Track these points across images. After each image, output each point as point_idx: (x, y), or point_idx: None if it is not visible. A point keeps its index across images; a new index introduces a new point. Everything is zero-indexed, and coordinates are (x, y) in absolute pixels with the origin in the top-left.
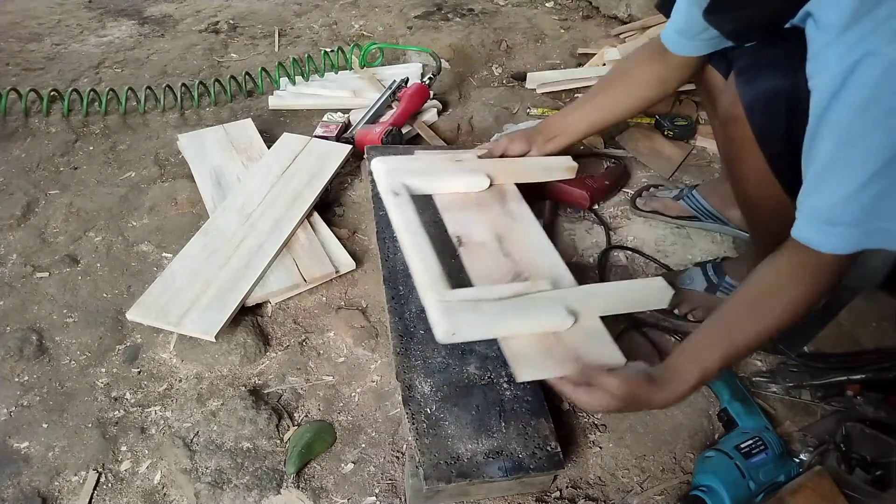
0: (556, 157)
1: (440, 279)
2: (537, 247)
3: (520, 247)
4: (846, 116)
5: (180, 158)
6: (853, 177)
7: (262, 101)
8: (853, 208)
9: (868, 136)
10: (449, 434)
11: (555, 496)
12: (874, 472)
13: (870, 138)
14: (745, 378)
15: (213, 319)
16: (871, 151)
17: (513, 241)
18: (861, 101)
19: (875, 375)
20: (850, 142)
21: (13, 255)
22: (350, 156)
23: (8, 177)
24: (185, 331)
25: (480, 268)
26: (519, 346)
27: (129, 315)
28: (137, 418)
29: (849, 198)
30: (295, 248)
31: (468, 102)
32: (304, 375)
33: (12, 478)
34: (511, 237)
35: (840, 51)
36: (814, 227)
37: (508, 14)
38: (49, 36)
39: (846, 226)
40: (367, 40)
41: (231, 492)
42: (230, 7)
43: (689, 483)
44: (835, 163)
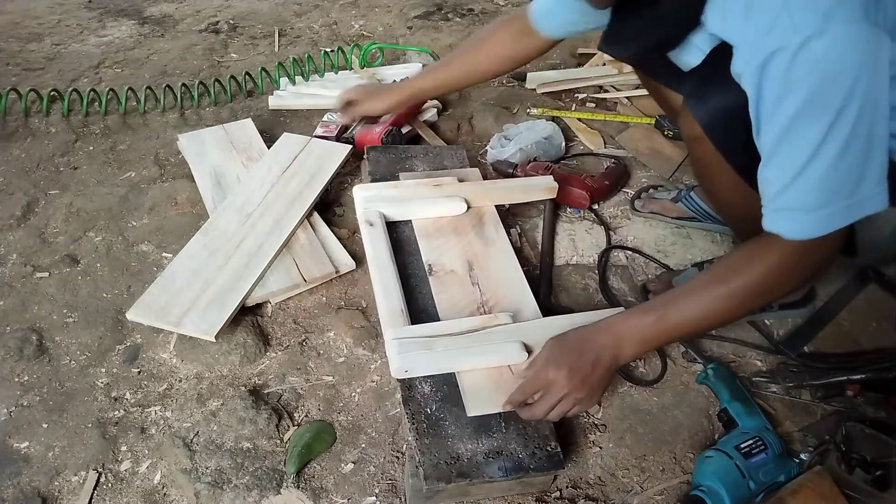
0: (537, 178)
1: (399, 315)
2: (506, 275)
3: (488, 275)
4: (770, 112)
5: (180, 158)
6: (792, 165)
7: (262, 101)
8: (804, 194)
9: (793, 125)
10: (449, 434)
11: (555, 496)
12: (874, 472)
13: (796, 128)
14: (745, 378)
15: (213, 319)
16: (800, 139)
17: (483, 268)
18: (777, 96)
19: (875, 375)
20: (781, 135)
21: (13, 255)
22: (350, 156)
23: (8, 177)
24: (185, 331)
25: (447, 298)
26: (473, 381)
27: (129, 315)
28: (137, 418)
29: (795, 185)
30: (295, 248)
31: (468, 102)
32: (304, 375)
33: (12, 478)
34: (482, 264)
35: (748, 54)
36: (773, 215)
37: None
38: (49, 36)
39: (802, 211)
40: (367, 40)
41: (231, 492)
42: (230, 7)
43: (689, 483)
44: (774, 154)
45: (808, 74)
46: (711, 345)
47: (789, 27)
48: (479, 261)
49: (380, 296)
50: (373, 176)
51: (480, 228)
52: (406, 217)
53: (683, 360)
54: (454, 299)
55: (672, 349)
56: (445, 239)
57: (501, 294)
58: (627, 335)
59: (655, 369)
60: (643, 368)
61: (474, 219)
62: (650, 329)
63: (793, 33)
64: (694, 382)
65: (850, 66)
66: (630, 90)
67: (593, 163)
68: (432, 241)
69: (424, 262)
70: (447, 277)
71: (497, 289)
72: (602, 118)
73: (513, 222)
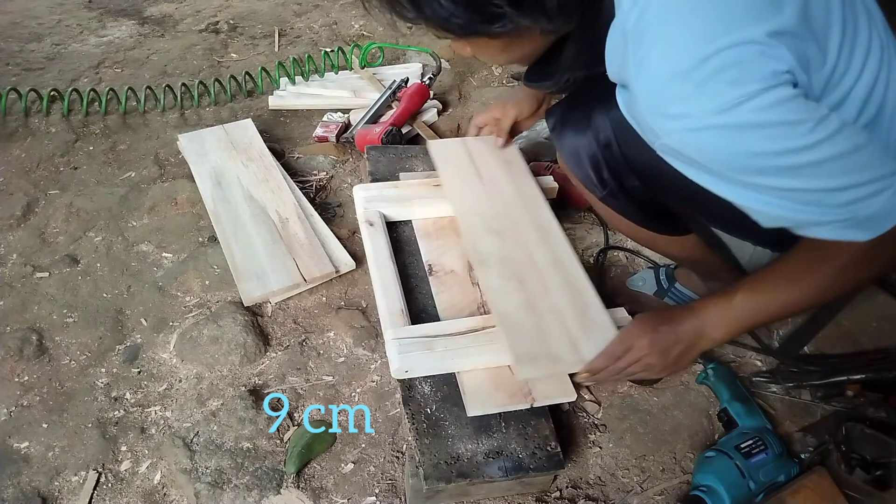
0: (538, 178)
1: (399, 315)
2: None
3: None
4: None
5: (180, 158)
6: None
7: (262, 101)
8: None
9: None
10: (449, 434)
11: (555, 496)
12: (874, 472)
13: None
14: (745, 378)
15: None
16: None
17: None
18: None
19: (875, 375)
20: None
21: (13, 255)
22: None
23: (8, 177)
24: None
25: (447, 298)
26: (472, 380)
27: (522, 374)
28: (137, 418)
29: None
30: (295, 248)
31: (468, 102)
32: (304, 375)
33: (12, 478)
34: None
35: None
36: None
37: None
38: (49, 36)
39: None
40: (367, 40)
41: (231, 492)
42: (230, 7)
43: (689, 483)
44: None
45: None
46: None
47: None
48: None
49: (380, 296)
50: (373, 176)
51: None
52: (406, 217)
53: None
54: (454, 299)
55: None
56: (445, 239)
57: None
58: (712, 320)
59: None
60: None
61: None
62: (736, 315)
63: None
64: (694, 382)
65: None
66: None
67: None
68: (432, 241)
69: (424, 262)
70: (447, 277)
71: None
72: None
73: None
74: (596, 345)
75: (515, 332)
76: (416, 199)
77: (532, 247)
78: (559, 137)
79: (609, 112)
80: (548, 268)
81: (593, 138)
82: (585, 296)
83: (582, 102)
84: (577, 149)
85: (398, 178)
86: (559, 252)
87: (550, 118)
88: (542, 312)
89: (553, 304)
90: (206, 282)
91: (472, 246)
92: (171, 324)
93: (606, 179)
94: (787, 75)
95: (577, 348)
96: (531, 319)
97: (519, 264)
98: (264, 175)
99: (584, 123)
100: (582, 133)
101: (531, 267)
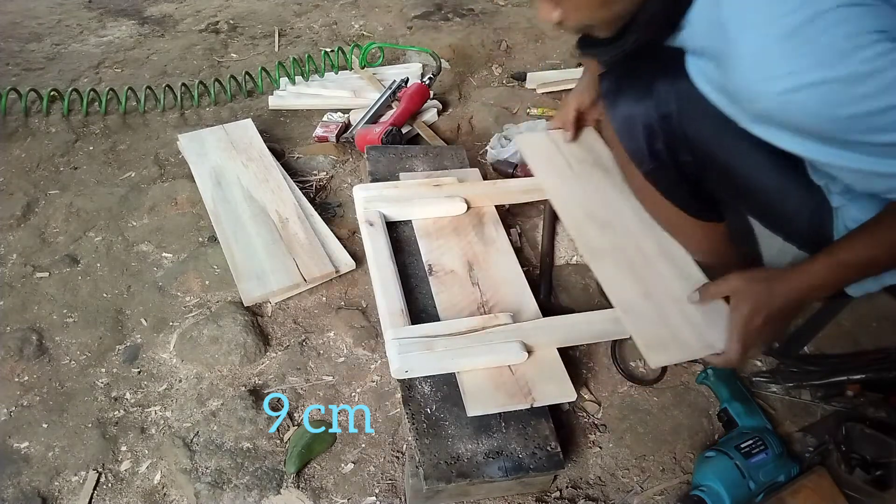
0: (535, 178)
1: (399, 315)
2: (505, 275)
3: (488, 275)
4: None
5: (180, 158)
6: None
7: (262, 101)
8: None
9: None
10: (449, 434)
11: (555, 496)
12: (874, 472)
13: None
14: (745, 378)
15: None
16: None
17: (483, 268)
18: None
19: (875, 375)
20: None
21: (13, 255)
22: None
23: (8, 177)
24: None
25: (447, 298)
26: (473, 380)
27: (653, 362)
28: (137, 418)
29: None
30: (295, 248)
31: (468, 102)
32: (304, 375)
33: (12, 478)
34: (482, 265)
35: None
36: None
37: (508, 14)
38: (49, 36)
39: None
40: (367, 40)
41: (231, 492)
42: (230, 7)
43: (689, 483)
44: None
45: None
46: None
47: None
48: (479, 261)
49: (380, 296)
50: (373, 176)
51: (480, 228)
52: (406, 217)
53: None
54: (454, 299)
55: None
56: (445, 239)
57: (501, 294)
58: (817, 280)
59: (655, 369)
60: (643, 368)
61: (474, 219)
62: (824, 273)
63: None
64: (694, 382)
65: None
66: None
67: None
68: (432, 241)
69: (424, 262)
70: (447, 277)
71: (497, 289)
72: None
73: (513, 222)
74: (718, 330)
75: (639, 321)
76: (416, 199)
77: (638, 237)
78: (613, 104)
79: (674, 82)
80: (657, 257)
81: (653, 107)
82: (697, 280)
83: (642, 71)
84: (633, 117)
85: (398, 178)
86: (664, 241)
87: (604, 83)
88: (660, 300)
89: (670, 292)
90: (206, 282)
91: (582, 239)
92: (171, 324)
93: (658, 151)
94: (893, 33)
95: (702, 334)
96: (652, 308)
97: (629, 254)
98: (264, 175)
99: (644, 92)
100: (640, 101)
101: (642, 257)
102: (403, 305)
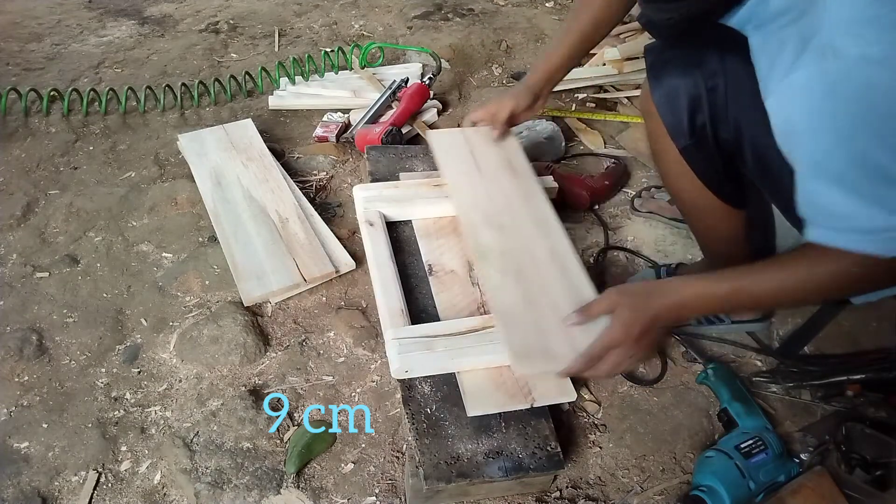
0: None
1: (399, 315)
2: None
3: None
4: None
5: (180, 158)
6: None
7: (262, 101)
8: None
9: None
10: (449, 434)
11: (555, 496)
12: (874, 472)
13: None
14: (745, 378)
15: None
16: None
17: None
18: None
19: (875, 375)
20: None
21: (13, 255)
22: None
23: (8, 177)
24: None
25: (447, 298)
26: (472, 380)
27: (518, 370)
28: (137, 418)
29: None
30: (295, 248)
31: (468, 102)
32: (304, 375)
33: (12, 478)
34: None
35: (780, 72)
36: (836, 234)
37: (508, 14)
38: (49, 36)
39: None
40: (367, 40)
41: (231, 492)
42: (230, 7)
43: (689, 483)
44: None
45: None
46: (711, 345)
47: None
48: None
49: (380, 296)
50: (373, 176)
51: None
52: (406, 217)
53: (683, 360)
54: (454, 299)
55: (672, 349)
56: (445, 239)
57: None
58: (693, 301)
59: (655, 369)
60: (643, 368)
61: None
62: (719, 299)
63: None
64: (694, 382)
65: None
66: (630, 90)
67: (593, 163)
68: (432, 241)
69: (424, 262)
70: (447, 277)
71: None
72: (602, 118)
73: None
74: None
75: (513, 328)
76: (416, 199)
77: (532, 241)
78: (657, 75)
79: (725, 56)
80: (548, 265)
81: (701, 79)
82: (584, 292)
83: (691, 43)
84: (678, 88)
85: (398, 178)
86: (558, 248)
87: (649, 56)
88: (540, 308)
89: (551, 300)
90: (206, 282)
91: (473, 239)
92: (171, 324)
93: (699, 126)
94: None
95: (576, 347)
96: (530, 315)
97: (518, 259)
98: (264, 175)
99: (693, 63)
100: (689, 73)
101: (531, 262)
102: (403, 305)
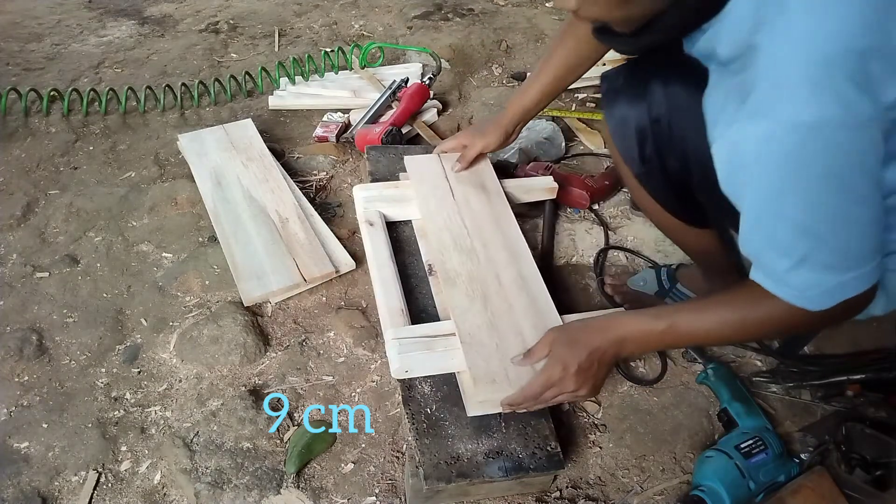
0: (537, 178)
1: (399, 315)
2: None
3: None
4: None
5: (180, 158)
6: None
7: (262, 101)
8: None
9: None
10: (449, 434)
11: (555, 496)
12: (874, 472)
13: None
14: (745, 378)
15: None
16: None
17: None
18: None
19: (875, 375)
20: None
21: (13, 255)
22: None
23: (8, 177)
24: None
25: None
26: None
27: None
28: (137, 418)
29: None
30: (295, 248)
31: (468, 102)
32: (304, 375)
33: (12, 478)
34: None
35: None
36: (776, 284)
37: (508, 14)
38: (49, 36)
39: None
40: (367, 40)
41: (231, 492)
42: (230, 7)
43: (689, 483)
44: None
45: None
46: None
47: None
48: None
49: (380, 296)
50: (373, 176)
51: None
52: (406, 217)
53: (683, 360)
54: None
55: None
56: None
57: None
58: (632, 336)
59: (655, 369)
60: (643, 368)
61: None
62: (657, 335)
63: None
64: (694, 382)
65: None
66: None
67: (593, 163)
68: None
69: (424, 262)
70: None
71: None
72: (602, 118)
73: None
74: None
75: (475, 352)
76: (416, 200)
77: (500, 268)
78: (610, 105)
79: (667, 86)
80: (515, 290)
81: (646, 110)
82: (549, 317)
83: (640, 72)
84: (627, 118)
85: (398, 178)
86: (525, 273)
87: (604, 83)
88: (504, 334)
89: (515, 325)
90: (206, 282)
91: (441, 264)
92: (171, 324)
93: (648, 156)
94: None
95: (536, 370)
96: (493, 340)
97: (486, 285)
98: (264, 175)
99: (639, 94)
100: (635, 103)
101: (498, 288)
102: (403, 305)
